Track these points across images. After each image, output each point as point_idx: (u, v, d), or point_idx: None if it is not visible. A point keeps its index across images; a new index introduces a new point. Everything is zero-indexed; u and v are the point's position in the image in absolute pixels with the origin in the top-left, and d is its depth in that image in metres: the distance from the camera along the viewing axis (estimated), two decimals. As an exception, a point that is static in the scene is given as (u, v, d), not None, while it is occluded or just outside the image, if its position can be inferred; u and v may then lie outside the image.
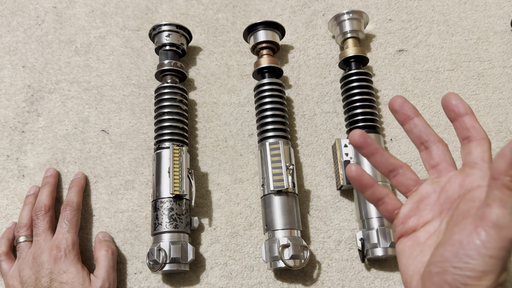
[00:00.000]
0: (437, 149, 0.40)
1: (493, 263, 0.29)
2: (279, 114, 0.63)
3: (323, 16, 0.76)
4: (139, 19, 0.76)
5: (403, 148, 0.66)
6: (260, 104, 0.64)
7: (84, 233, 0.61)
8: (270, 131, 0.62)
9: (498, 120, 0.68)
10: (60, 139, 0.67)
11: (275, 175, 0.58)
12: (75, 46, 0.74)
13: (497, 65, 0.72)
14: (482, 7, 0.76)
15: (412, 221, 0.39)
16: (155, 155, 0.61)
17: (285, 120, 0.64)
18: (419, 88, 0.70)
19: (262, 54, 0.67)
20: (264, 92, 0.64)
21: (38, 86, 0.71)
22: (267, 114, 0.63)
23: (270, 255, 0.55)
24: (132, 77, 0.71)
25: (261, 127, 0.63)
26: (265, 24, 0.67)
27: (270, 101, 0.63)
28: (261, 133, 0.63)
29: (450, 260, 0.31)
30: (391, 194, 0.42)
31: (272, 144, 0.60)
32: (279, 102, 0.64)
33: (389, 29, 0.75)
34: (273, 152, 0.59)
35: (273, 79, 0.65)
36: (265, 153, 0.60)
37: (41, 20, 0.76)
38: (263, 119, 0.63)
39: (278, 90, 0.65)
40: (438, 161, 0.40)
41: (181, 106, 0.64)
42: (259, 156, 0.62)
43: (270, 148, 0.60)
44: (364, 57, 0.67)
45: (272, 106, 0.63)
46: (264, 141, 0.61)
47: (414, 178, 0.42)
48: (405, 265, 0.37)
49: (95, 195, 0.64)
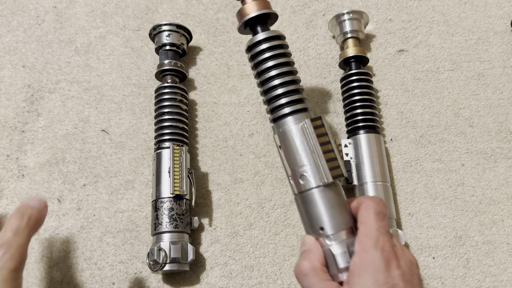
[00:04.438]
0: None
1: None
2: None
3: (323, 16, 0.76)
4: (139, 19, 0.76)
5: (403, 148, 0.66)
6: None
7: (84, 233, 0.61)
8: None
9: (498, 120, 0.68)
10: (60, 139, 0.67)
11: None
12: (75, 46, 0.74)
13: (497, 65, 0.72)
14: (482, 7, 0.76)
15: None
16: (155, 155, 0.61)
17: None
18: (419, 88, 0.70)
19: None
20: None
21: (38, 86, 0.71)
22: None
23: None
24: (132, 77, 0.71)
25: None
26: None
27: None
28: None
29: None
30: None
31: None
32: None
33: (389, 29, 0.75)
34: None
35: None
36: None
37: (41, 20, 0.76)
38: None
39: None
40: None
41: (181, 106, 0.64)
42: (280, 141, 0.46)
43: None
44: (364, 57, 0.67)
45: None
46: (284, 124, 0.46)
47: None
48: None
49: (95, 195, 0.64)
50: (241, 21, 0.49)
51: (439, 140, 0.67)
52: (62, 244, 0.61)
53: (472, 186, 0.64)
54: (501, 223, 0.62)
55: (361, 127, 0.62)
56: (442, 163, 0.65)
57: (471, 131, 0.67)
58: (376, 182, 0.59)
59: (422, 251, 0.60)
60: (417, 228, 0.62)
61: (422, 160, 0.65)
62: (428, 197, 0.63)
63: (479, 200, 0.63)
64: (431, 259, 0.60)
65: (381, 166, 0.61)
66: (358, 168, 0.61)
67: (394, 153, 0.66)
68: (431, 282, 0.59)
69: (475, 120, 0.68)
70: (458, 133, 0.67)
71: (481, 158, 0.66)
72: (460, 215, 0.62)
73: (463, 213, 0.62)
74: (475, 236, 0.61)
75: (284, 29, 0.75)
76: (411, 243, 0.61)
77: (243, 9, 0.49)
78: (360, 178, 0.60)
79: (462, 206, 0.63)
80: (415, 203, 0.63)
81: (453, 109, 0.69)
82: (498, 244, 0.61)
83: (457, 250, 0.60)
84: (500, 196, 0.63)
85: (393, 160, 0.66)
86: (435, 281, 0.59)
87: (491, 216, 0.62)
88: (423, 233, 0.61)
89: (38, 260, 0.60)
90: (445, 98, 0.69)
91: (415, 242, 0.61)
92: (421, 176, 0.64)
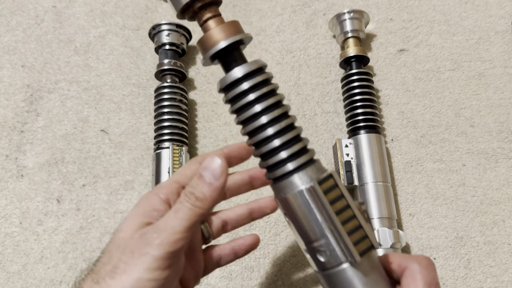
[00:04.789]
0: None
1: None
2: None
3: (323, 16, 0.76)
4: (139, 19, 0.76)
5: (404, 148, 0.66)
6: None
7: (83, 234, 0.61)
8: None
9: (499, 120, 0.68)
10: (59, 139, 0.67)
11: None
12: (75, 45, 0.74)
13: (498, 65, 0.71)
14: (483, 7, 0.76)
15: None
16: (155, 155, 0.61)
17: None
18: (420, 88, 0.70)
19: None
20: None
21: (37, 85, 0.71)
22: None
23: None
24: (131, 76, 0.71)
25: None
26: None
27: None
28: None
29: None
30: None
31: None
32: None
33: (390, 29, 0.74)
34: None
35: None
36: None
37: (40, 20, 0.76)
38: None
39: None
40: None
41: (181, 106, 0.64)
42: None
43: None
44: (365, 57, 0.67)
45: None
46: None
47: None
48: None
49: (94, 195, 0.63)
50: (207, 53, 0.36)
51: (440, 140, 0.66)
52: (61, 244, 0.61)
53: (473, 187, 0.64)
54: (502, 223, 0.62)
55: (361, 127, 0.62)
56: (443, 163, 0.65)
57: (472, 131, 0.67)
58: (377, 182, 0.59)
59: (423, 252, 0.60)
60: (418, 228, 0.61)
61: (423, 160, 0.65)
62: (429, 197, 0.63)
63: (480, 201, 0.63)
64: (432, 259, 0.60)
65: (381, 166, 0.60)
66: (358, 168, 0.60)
67: (395, 153, 0.66)
68: (432, 283, 0.59)
69: (476, 120, 0.68)
70: (459, 133, 0.67)
71: (482, 158, 0.65)
72: (461, 215, 0.62)
73: (464, 213, 0.62)
74: (476, 237, 0.61)
75: (284, 28, 0.75)
76: (412, 244, 0.61)
77: (207, 37, 0.36)
78: (360, 178, 0.60)
79: (463, 207, 0.63)
80: (416, 204, 0.63)
81: (454, 109, 0.68)
82: (499, 245, 0.60)
83: (458, 250, 0.60)
84: (501, 196, 0.63)
85: (394, 160, 0.65)
86: (436, 282, 0.59)
87: (492, 216, 0.62)
88: (424, 233, 0.61)
89: (37, 261, 0.60)
90: (446, 98, 0.69)
91: (416, 242, 0.61)
92: (422, 177, 0.64)
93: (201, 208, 0.34)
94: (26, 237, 0.61)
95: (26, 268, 0.59)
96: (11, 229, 0.62)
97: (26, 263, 0.60)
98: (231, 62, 0.36)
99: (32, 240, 0.61)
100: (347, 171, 0.60)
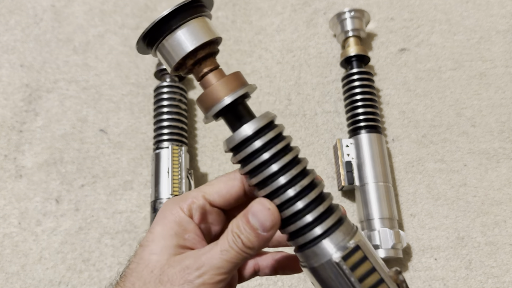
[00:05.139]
0: None
1: None
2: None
3: (324, 15, 0.75)
4: (138, 18, 0.75)
5: (405, 148, 0.66)
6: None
7: (82, 234, 0.61)
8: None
9: (501, 120, 0.67)
10: (58, 139, 0.66)
11: None
12: (74, 44, 0.73)
13: (499, 64, 0.71)
14: (484, 6, 0.75)
15: None
16: (154, 155, 0.60)
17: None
18: (421, 88, 0.69)
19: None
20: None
21: (36, 85, 0.70)
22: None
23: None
24: (131, 76, 0.71)
25: None
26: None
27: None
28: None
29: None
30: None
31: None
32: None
33: (391, 28, 0.74)
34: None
35: None
36: None
37: (39, 19, 0.76)
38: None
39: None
40: None
41: (181, 105, 0.64)
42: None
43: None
44: (366, 56, 0.66)
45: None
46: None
47: None
48: None
49: (93, 196, 0.63)
50: (210, 112, 0.32)
51: (441, 140, 0.66)
52: (60, 245, 0.60)
53: (475, 187, 0.63)
54: (504, 224, 0.61)
55: (362, 127, 0.62)
56: (444, 163, 0.65)
57: (473, 131, 0.67)
58: (378, 182, 0.59)
59: (424, 252, 0.60)
60: (419, 229, 0.61)
61: (424, 160, 0.65)
62: (430, 197, 0.63)
63: (481, 201, 0.63)
64: (433, 260, 0.59)
65: (382, 166, 0.60)
66: (359, 168, 0.60)
67: (396, 153, 0.65)
68: (433, 284, 0.58)
69: (477, 120, 0.67)
70: (460, 133, 0.66)
71: (484, 158, 0.65)
72: (462, 215, 0.62)
73: (465, 213, 0.62)
74: (478, 237, 0.61)
75: (285, 27, 0.74)
76: (413, 244, 0.60)
77: (208, 94, 0.32)
78: (361, 178, 0.60)
79: (465, 207, 0.62)
80: (417, 204, 0.62)
81: (455, 109, 0.68)
82: (501, 245, 0.60)
83: (459, 251, 0.60)
84: (502, 196, 0.63)
85: (395, 161, 0.65)
86: (437, 282, 0.58)
87: (494, 217, 0.62)
88: (425, 234, 0.61)
89: (36, 262, 0.59)
90: (447, 97, 0.69)
91: (417, 243, 0.60)
92: (423, 177, 0.64)
93: (248, 254, 0.31)
94: (25, 237, 0.61)
95: (25, 268, 0.59)
96: (9, 229, 0.61)
97: (25, 264, 0.59)
98: (238, 118, 0.33)
99: (31, 240, 0.61)
100: (348, 171, 0.60)
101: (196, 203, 0.34)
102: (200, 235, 0.34)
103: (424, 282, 0.58)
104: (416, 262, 0.59)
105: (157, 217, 0.34)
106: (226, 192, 0.35)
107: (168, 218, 0.34)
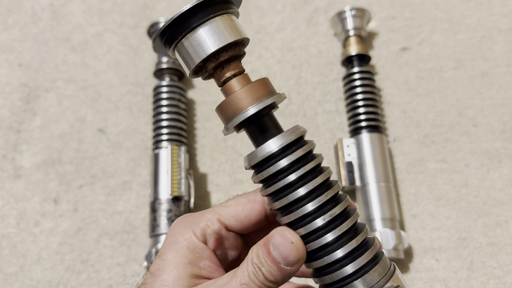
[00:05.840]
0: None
1: None
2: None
3: (324, 14, 0.75)
4: (137, 17, 0.75)
5: (406, 148, 0.65)
6: None
7: (80, 235, 0.60)
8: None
9: (503, 119, 0.67)
10: (57, 139, 0.66)
11: None
12: (72, 44, 0.73)
13: (501, 63, 0.70)
14: (486, 5, 0.75)
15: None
16: (153, 155, 0.60)
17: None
18: (423, 87, 0.69)
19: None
20: None
21: (34, 84, 0.70)
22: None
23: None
24: (129, 75, 0.70)
25: None
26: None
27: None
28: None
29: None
30: None
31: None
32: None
33: (392, 27, 0.74)
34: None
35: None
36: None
37: (37, 18, 0.75)
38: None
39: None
40: None
41: (180, 105, 0.63)
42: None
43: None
44: (367, 55, 0.66)
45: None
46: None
47: None
48: None
49: (92, 196, 0.62)
50: (231, 122, 0.28)
51: (442, 140, 0.65)
52: (59, 246, 0.60)
53: (476, 187, 0.63)
54: (506, 224, 0.61)
55: (363, 127, 0.61)
56: (445, 164, 0.64)
57: (475, 130, 0.66)
58: (379, 182, 0.58)
59: (425, 253, 0.59)
60: (421, 229, 0.61)
61: (425, 160, 0.64)
62: (431, 198, 0.62)
63: (483, 201, 0.62)
64: (435, 261, 0.59)
65: (384, 166, 0.60)
66: (360, 168, 0.60)
67: (397, 153, 0.65)
68: (434, 285, 0.58)
69: (479, 119, 0.67)
70: (462, 132, 0.66)
71: (485, 159, 0.64)
72: (464, 216, 0.61)
73: (467, 214, 0.61)
74: (479, 238, 0.60)
75: (285, 26, 0.74)
76: (415, 245, 0.60)
77: (229, 102, 0.28)
78: (362, 178, 0.59)
79: (466, 207, 0.62)
80: (418, 204, 0.62)
81: (457, 109, 0.67)
82: (502, 246, 0.60)
83: (460, 252, 0.59)
84: (504, 197, 0.62)
85: (396, 161, 0.65)
86: (438, 283, 0.58)
87: (495, 217, 0.61)
88: (426, 234, 0.60)
89: (35, 262, 0.59)
90: (449, 97, 0.68)
91: (418, 244, 0.60)
92: (425, 177, 0.63)
93: (270, 287, 0.28)
94: (23, 238, 0.60)
95: (23, 269, 0.59)
96: (8, 230, 0.61)
97: (23, 265, 0.59)
98: (262, 132, 0.28)
99: (29, 241, 0.60)
100: (349, 172, 0.59)
101: (211, 227, 0.31)
102: (216, 261, 0.31)
103: (425, 283, 0.58)
104: (417, 263, 0.59)
105: (167, 241, 0.31)
106: (244, 217, 0.31)
107: (180, 244, 0.30)
